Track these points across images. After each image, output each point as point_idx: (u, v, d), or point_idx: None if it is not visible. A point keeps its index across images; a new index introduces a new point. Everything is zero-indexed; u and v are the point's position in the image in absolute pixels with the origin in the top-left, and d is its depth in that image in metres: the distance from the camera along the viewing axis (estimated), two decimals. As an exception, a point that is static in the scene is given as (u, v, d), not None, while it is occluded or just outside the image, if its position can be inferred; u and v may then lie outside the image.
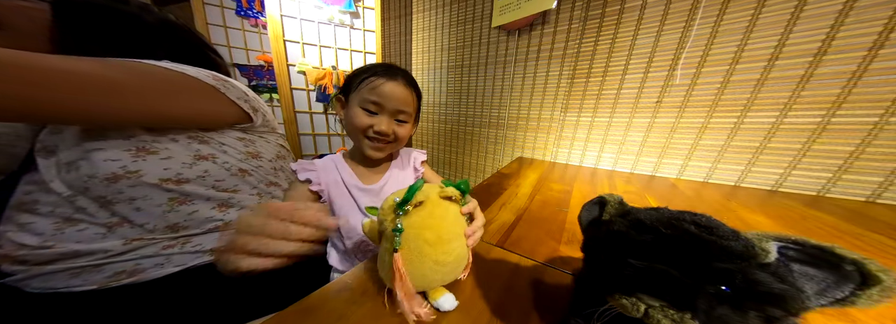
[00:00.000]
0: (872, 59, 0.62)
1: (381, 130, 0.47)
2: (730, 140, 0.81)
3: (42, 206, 0.37)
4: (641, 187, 0.81)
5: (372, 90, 0.45)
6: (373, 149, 0.50)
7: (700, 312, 0.15)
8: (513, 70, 1.24)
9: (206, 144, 0.42)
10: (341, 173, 0.52)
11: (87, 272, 0.38)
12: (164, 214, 0.40)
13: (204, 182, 0.42)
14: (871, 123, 0.65)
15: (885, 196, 0.67)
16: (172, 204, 0.41)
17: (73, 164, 0.36)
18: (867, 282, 0.15)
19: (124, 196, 0.37)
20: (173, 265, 0.42)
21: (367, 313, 0.29)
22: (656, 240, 0.18)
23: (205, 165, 0.42)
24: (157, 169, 0.38)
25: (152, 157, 0.38)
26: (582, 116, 1.08)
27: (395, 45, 1.92)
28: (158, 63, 0.38)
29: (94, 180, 0.36)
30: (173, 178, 0.39)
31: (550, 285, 0.34)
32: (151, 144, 0.38)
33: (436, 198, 0.31)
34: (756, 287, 0.15)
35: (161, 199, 0.40)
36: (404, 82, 0.47)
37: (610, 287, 0.19)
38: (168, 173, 0.39)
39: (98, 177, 0.36)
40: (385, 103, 0.46)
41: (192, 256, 0.43)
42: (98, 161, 0.35)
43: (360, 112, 0.47)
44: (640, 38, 0.89)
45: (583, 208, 0.28)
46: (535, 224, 0.52)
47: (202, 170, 0.42)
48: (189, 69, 0.40)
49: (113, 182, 0.36)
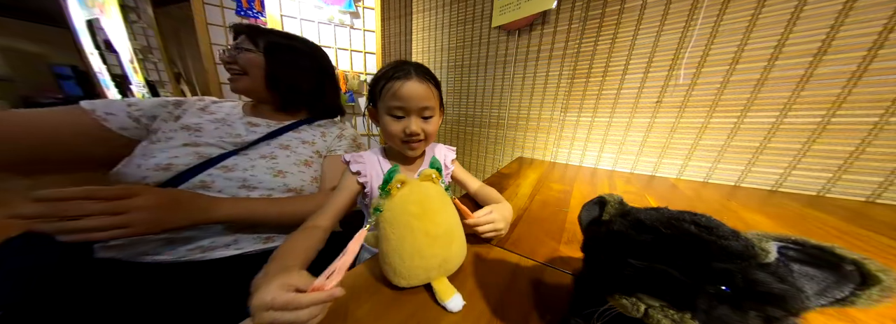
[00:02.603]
0: (872, 59, 0.62)
1: (412, 130, 0.49)
2: (730, 140, 0.81)
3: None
4: (641, 187, 0.81)
5: (393, 96, 0.47)
6: (409, 149, 0.53)
7: (700, 312, 0.15)
8: (513, 70, 1.24)
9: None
10: (382, 167, 0.56)
11: (180, 243, 0.46)
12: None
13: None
14: (871, 123, 0.65)
15: (885, 196, 0.67)
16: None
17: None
18: (867, 282, 0.15)
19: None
20: (235, 248, 0.51)
21: (368, 312, 0.29)
22: (656, 240, 0.18)
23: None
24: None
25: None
26: (582, 116, 1.08)
27: (395, 45, 1.92)
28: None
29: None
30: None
31: (550, 285, 0.34)
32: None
33: (415, 180, 0.35)
34: (756, 287, 0.15)
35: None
36: (418, 78, 0.48)
37: (610, 287, 0.19)
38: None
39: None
40: (407, 105, 0.47)
41: (253, 241, 0.53)
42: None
43: (389, 120, 0.50)
44: (640, 38, 0.89)
45: (583, 208, 0.28)
46: (535, 224, 0.52)
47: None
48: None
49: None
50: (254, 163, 0.55)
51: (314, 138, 0.66)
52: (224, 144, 0.55)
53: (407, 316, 0.28)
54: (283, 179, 0.56)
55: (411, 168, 0.59)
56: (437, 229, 0.33)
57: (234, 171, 0.53)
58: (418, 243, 0.31)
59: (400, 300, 0.31)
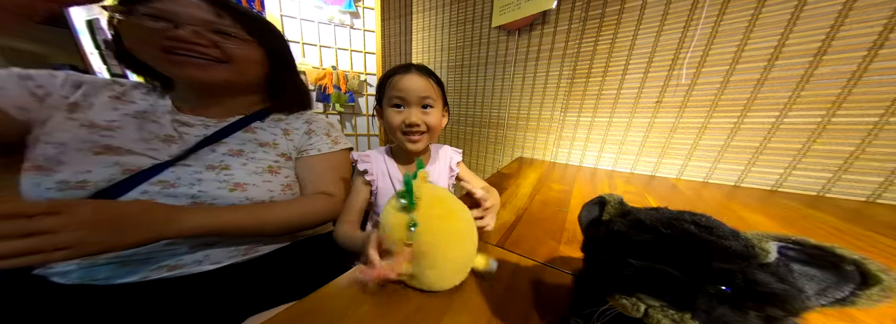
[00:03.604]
0: (872, 59, 0.62)
1: (412, 121, 0.49)
2: (730, 140, 0.81)
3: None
4: (641, 187, 0.81)
5: (393, 87, 0.49)
6: (410, 142, 0.52)
7: (700, 312, 0.15)
8: (513, 70, 1.24)
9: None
10: (387, 166, 0.56)
11: (136, 265, 0.40)
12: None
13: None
14: (871, 123, 0.65)
15: (885, 196, 0.67)
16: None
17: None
18: (867, 282, 0.15)
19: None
20: (210, 263, 0.44)
21: (368, 311, 0.29)
22: (656, 240, 0.18)
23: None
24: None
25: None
26: (582, 115, 1.08)
27: (395, 45, 1.92)
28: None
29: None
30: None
31: (550, 285, 0.34)
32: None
33: (427, 184, 0.35)
34: (756, 287, 0.15)
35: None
36: (418, 73, 0.50)
37: (610, 287, 0.19)
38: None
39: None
40: (407, 95, 0.49)
41: (229, 254, 0.46)
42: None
43: (390, 111, 0.51)
44: (640, 38, 0.89)
45: (583, 208, 0.28)
46: (535, 224, 0.52)
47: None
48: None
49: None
50: (201, 176, 0.43)
51: (275, 138, 0.53)
52: (152, 152, 0.43)
53: (407, 316, 0.28)
54: (244, 192, 0.45)
55: (413, 167, 0.59)
56: (461, 225, 0.33)
57: (176, 186, 0.42)
58: (452, 242, 0.32)
59: (400, 300, 0.30)
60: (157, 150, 0.43)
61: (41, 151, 0.38)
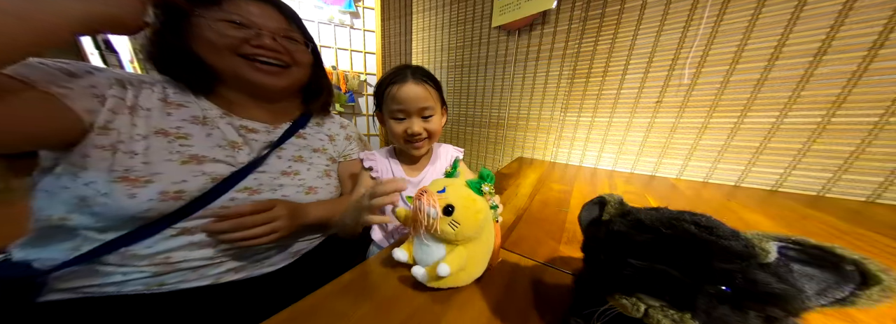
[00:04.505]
0: (872, 59, 0.62)
1: (414, 131, 0.51)
2: (730, 140, 0.81)
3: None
4: (641, 187, 0.81)
5: (393, 99, 0.50)
6: (414, 149, 0.55)
7: (700, 312, 0.15)
8: (513, 70, 1.24)
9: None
10: (391, 165, 0.58)
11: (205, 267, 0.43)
12: None
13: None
14: (871, 123, 0.65)
15: (885, 196, 0.67)
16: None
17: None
18: (867, 282, 0.15)
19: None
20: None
21: (368, 311, 0.29)
22: (656, 240, 0.18)
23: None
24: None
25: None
26: (582, 115, 1.08)
27: (395, 45, 1.92)
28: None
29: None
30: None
31: (550, 285, 0.34)
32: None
33: (455, 181, 0.35)
34: (756, 287, 0.15)
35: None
36: (414, 81, 0.49)
37: (610, 287, 0.19)
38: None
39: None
40: (407, 107, 0.50)
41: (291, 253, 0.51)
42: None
43: (393, 123, 0.53)
44: (640, 38, 0.89)
45: (583, 208, 0.28)
46: (535, 224, 0.52)
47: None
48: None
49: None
50: (280, 182, 0.48)
51: (324, 144, 0.58)
52: (230, 158, 0.44)
53: (407, 316, 0.28)
54: (316, 195, 0.52)
55: (416, 167, 0.61)
56: (489, 225, 0.34)
57: (259, 192, 0.45)
58: (488, 226, 0.33)
59: (400, 300, 0.30)
60: (232, 156, 0.44)
61: (123, 162, 0.36)
